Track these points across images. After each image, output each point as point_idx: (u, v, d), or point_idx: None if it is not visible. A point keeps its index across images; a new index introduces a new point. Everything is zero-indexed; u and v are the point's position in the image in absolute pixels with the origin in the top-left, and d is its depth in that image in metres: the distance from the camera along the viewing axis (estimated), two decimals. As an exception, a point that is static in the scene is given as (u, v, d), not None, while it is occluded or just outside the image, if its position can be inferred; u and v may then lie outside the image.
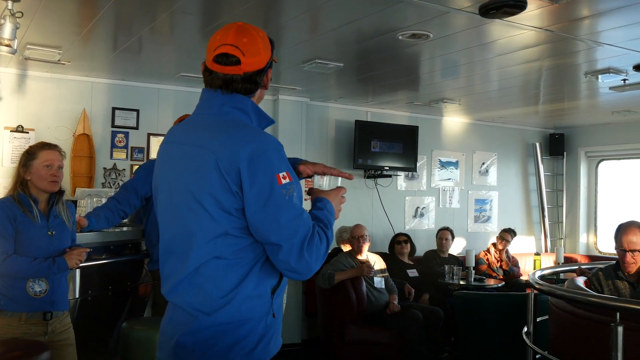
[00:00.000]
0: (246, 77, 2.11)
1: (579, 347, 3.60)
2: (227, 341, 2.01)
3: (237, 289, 2.01)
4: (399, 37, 4.63)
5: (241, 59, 2.08)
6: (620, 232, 4.11)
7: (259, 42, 2.14)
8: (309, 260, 1.96)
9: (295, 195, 1.98)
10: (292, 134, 7.32)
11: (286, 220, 1.95)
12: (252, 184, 1.94)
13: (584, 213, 9.40)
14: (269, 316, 2.08)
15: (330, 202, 2.20)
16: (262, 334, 2.07)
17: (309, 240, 1.97)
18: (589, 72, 5.63)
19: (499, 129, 9.21)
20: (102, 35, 4.97)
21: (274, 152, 2.01)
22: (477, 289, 6.76)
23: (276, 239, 1.95)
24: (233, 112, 2.11)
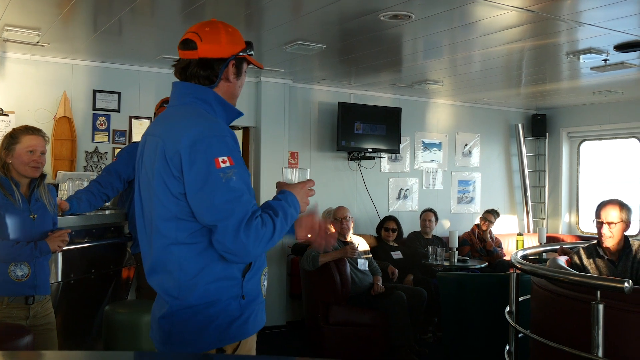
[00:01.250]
0: (202, 62, 2.19)
1: (560, 325, 3.64)
2: (199, 322, 2.08)
3: (202, 272, 2.08)
4: (381, 18, 4.61)
5: (198, 44, 2.18)
6: (601, 206, 4.18)
7: (221, 32, 2.22)
8: (245, 241, 1.98)
9: (235, 179, 2.01)
10: (275, 116, 7.30)
11: (221, 202, 1.98)
12: (191, 168, 2.00)
13: (566, 193, 9.48)
14: (239, 298, 2.13)
15: (292, 195, 2.21)
16: (236, 315, 2.13)
17: (247, 222, 1.99)
18: (571, 53, 5.65)
19: (481, 110, 9.24)
20: (82, 16, 4.90)
21: (215, 138, 2.04)
22: (461, 269, 6.81)
23: (211, 220, 2.00)
24: (195, 102, 2.18)
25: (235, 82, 2.26)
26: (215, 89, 2.23)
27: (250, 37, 5.45)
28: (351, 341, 5.99)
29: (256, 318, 2.22)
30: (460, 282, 5.71)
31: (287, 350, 6.56)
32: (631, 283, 2.97)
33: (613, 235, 4.09)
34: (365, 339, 5.99)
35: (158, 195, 2.08)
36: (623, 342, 3.19)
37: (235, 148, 2.09)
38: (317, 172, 7.82)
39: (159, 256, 2.12)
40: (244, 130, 7.57)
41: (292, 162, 7.59)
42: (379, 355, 5.98)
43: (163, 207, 2.07)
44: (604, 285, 3.14)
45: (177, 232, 2.07)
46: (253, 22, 4.97)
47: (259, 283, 2.24)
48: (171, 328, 2.11)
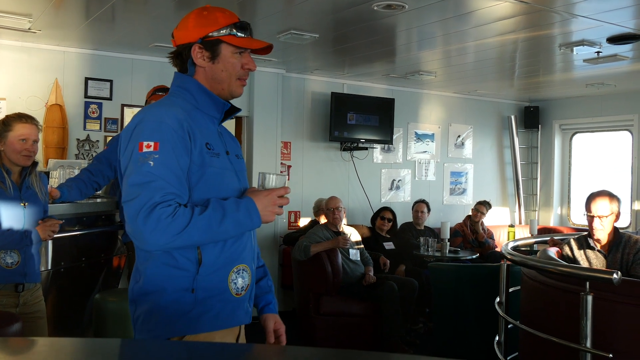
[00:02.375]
0: (177, 51, 2.18)
1: (549, 316, 3.66)
2: (151, 310, 2.04)
3: (151, 258, 2.04)
4: (374, 8, 4.60)
5: (174, 33, 2.18)
6: (590, 199, 4.18)
7: (191, 17, 2.17)
8: (141, 227, 1.91)
9: (153, 165, 1.95)
10: (268, 106, 7.29)
11: (131, 184, 1.96)
12: (124, 151, 2.03)
13: (558, 185, 9.52)
14: (188, 291, 2.04)
15: (252, 202, 2.07)
16: (186, 309, 2.03)
17: (149, 208, 1.91)
18: (564, 45, 5.66)
19: (474, 102, 9.24)
20: (74, 3, 4.87)
21: (152, 123, 2.01)
22: (452, 260, 6.83)
23: (122, 201, 1.99)
24: (179, 91, 2.17)
25: (211, 65, 2.14)
26: (196, 76, 2.16)
27: (243, 25, 5.44)
28: (342, 331, 6.00)
29: (219, 315, 2.10)
30: (451, 273, 5.72)
31: (278, 339, 6.57)
32: (620, 274, 2.99)
33: (604, 227, 4.10)
34: (356, 329, 6.01)
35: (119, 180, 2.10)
36: (611, 333, 3.21)
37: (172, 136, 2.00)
38: (310, 163, 7.83)
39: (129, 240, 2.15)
40: (236, 120, 7.55)
41: (284, 152, 7.58)
42: (370, 345, 6.00)
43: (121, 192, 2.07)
44: (593, 276, 3.15)
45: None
46: (246, 10, 4.94)
47: (224, 280, 2.10)
48: (133, 314, 2.11)
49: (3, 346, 1.69)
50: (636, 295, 3.19)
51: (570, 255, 4.26)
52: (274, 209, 2.13)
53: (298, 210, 7.70)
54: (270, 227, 7.31)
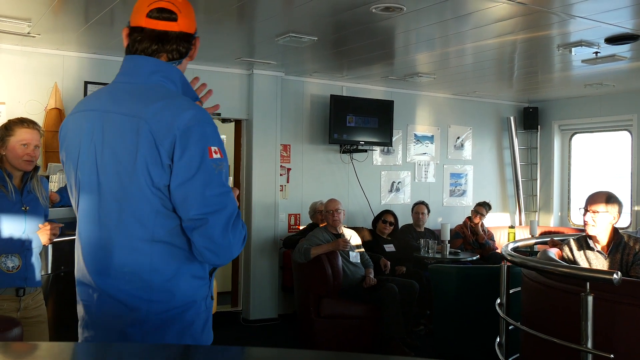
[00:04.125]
0: (181, 36, 1.98)
1: (550, 317, 3.66)
2: (177, 328, 1.91)
3: (178, 274, 1.90)
4: (372, 10, 4.61)
5: (178, 15, 1.97)
6: (589, 196, 4.24)
7: (191, 6, 2.05)
8: (232, 240, 1.85)
9: (225, 173, 1.86)
10: (267, 109, 7.29)
11: (213, 194, 1.83)
12: (183, 153, 1.80)
13: (558, 186, 9.52)
14: (207, 298, 2.00)
15: None
16: (205, 317, 1.99)
17: (235, 221, 1.86)
18: (562, 45, 5.66)
19: (473, 103, 9.25)
20: (73, 7, 4.88)
21: (210, 125, 1.88)
22: (453, 262, 6.82)
23: (199, 213, 1.81)
24: (162, 81, 1.95)
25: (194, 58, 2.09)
26: (179, 66, 2.02)
27: (243, 28, 5.47)
28: (343, 333, 6.00)
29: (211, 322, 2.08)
30: (452, 274, 5.73)
31: (278, 342, 6.58)
32: (620, 274, 2.99)
33: (596, 224, 4.09)
34: (357, 331, 6.01)
35: (139, 184, 1.83)
36: (612, 333, 3.21)
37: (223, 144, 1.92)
38: (310, 165, 7.83)
39: (125, 256, 1.88)
40: (235, 123, 7.55)
41: (284, 155, 7.58)
42: (371, 347, 6.00)
43: (143, 198, 1.84)
44: (593, 277, 3.15)
45: (154, 228, 1.85)
46: (245, 13, 4.95)
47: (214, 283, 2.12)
48: (144, 336, 1.89)
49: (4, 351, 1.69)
50: (637, 296, 3.19)
51: (570, 255, 4.26)
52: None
53: (298, 213, 7.70)
54: (271, 230, 7.31)
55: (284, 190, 7.58)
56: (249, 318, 7.23)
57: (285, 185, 7.61)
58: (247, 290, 7.29)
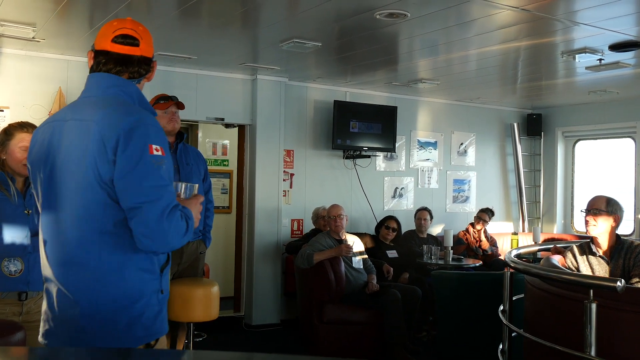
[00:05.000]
0: (141, 59, 2.29)
1: (553, 325, 3.65)
2: (127, 317, 2.09)
3: (125, 265, 2.10)
4: (376, 17, 4.61)
5: (140, 41, 2.28)
6: (590, 199, 4.30)
7: (149, 34, 2.35)
8: (167, 228, 2.02)
9: (164, 169, 2.07)
10: (270, 115, 7.30)
11: (150, 186, 2.03)
12: (125, 149, 2.03)
13: (561, 193, 9.50)
14: (159, 292, 2.18)
15: (188, 209, 2.22)
16: (157, 309, 2.17)
17: (171, 211, 2.04)
18: (566, 52, 5.66)
19: (477, 110, 9.25)
20: (78, 12, 4.89)
21: (153, 127, 2.12)
22: (456, 268, 6.82)
23: (137, 202, 2.02)
24: (119, 94, 2.22)
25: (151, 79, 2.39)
26: (138, 85, 2.31)
27: (246, 34, 5.48)
28: (345, 339, 5.99)
29: (166, 314, 2.26)
30: (454, 281, 5.72)
31: (281, 348, 6.57)
32: (623, 282, 2.98)
33: (597, 224, 4.15)
34: (360, 337, 6.00)
35: (89, 179, 2.06)
36: (616, 341, 3.20)
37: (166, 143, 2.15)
38: (313, 171, 7.83)
39: (76, 248, 2.10)
40: (239, 128, 7.56)
41: (287, 160, 7.59)
42: (373, 353, 5.99)
43: (92, 192, 2.06)
44: (597, 284, 3.14)
45: (103, 219, 2.07)
46: (249, 19, 4.96)
47: (168, 279, 2.28)
48: (95, 325, 2.08)
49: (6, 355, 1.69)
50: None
51: (574, 262, 4.26)
52: (199, 215, 2.32)
53: (301, 219, 7.69)
54: (273, 235, 7.31)
55: (287, 196, 7.58)
56: (251, 323, 7.23)
57: (288, 190, 7.61)
58: (250, 296, 7.28)
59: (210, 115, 7.10)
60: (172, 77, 6.77)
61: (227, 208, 8.72)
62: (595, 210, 4.16)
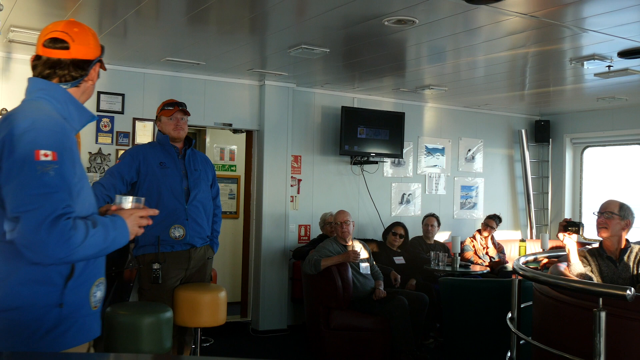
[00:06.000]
0: (74, 62, 2.24)
1: (562, 333, 3.63)
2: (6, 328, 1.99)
3: (13, 274, 2.00)
4: (385, 23, 4.62)
5: (70, 44, 2.22)
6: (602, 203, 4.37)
7: (89, 34, 2.31)
8: (45, 239, 1.90)
9: (53, 175, 1.96)
10: (278, 120, 7.31)
11: (30, 194, 1.92)
12: (10, 155, 1.96)
13: (569, 200, 9.46)
14: (57, 307, 2.04)
15: (122, 220, 2.17)
16: (52, 324, 2.03)
17: (53, 220, 1.91)
18: (574, 59, 5.65)
19: (485, 116, 9.23)
20: (87, 18, 4.91)
21: (46, 131, 2.01)
22: (463, 275, 6.80)
23: (15, 211, 1.93)
24: (44, 99, 2.17)
25: (95, 82, 2.34)
26: (75, 89, 2.25)
27: (255, 40, 5.49)
28: (352, 346, 5.98)
29: (81, 329, 2.13)
30: (462, 287, 5.70)
31: (288, 353, 6.56)
32: (633, 290, 2.96)
33: (608, 227, 4.20)
34: (367, 343, 5.98)
35: None
36: (625, 350, 3.18)
37: (68, 146, 2.05)
38: (320, 176, 7.83)
39: None
40: (246, 134, 7.58)
41: (295, 166, 7.59)
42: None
43: None
44: (606, 292, 3.12)
45: (1, 227, 2.00)
46: (257, 25, 4.97)
47: (87, 293, 2.16)
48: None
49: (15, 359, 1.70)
50: (650, 312, 3.16)
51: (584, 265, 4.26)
52: (137, 228, 2.25)
53: (308, 224, 7.69)
54: (281, 241, 7.31)
55: (295, 201, 7.58)
56: (258, 329, 7.22)
57: (296, 196, 7.61)
58: (257, 301, 7.28)
59: (218, 121, 7.11)
60: (180, 83, 6.79)
61: (235, 213, 8.73)
62: (608, 214, 4.19)
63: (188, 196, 4.48)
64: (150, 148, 4.60)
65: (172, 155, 4.53)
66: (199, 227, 4.53)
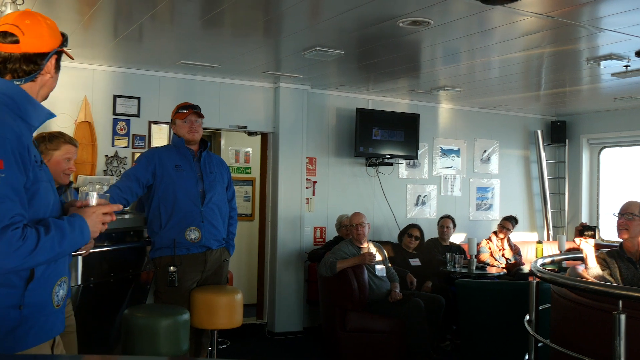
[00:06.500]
0: (25, 57, 2.12)
1: (581, 335, 3.60)
2: None
3: None
4: (399, 25, 4.61)
5: (20, 37, 2.10)
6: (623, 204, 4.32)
7: (43, 25, 2.17)
8: None
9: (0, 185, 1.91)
10: (293, 122, 7.32)
11: None
12: None
13: (586, 201, 9.39)
14: (17, 308, 2.02)
15: (81, 219, 2.14)
16: (12, 325, 2.02)
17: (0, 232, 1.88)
18: (591, 59, 5.61)
19: (500, 117, 9.18)
20: (103, 22, 4.95)
21: None
22: (479, 277, 6.76)
23: None
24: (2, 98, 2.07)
25: (55, 76, 2.24)
26: (31, 84, 2.15)
27: (269, 43, 5.50)
28: (368, 348, 5.96)
29: (42, 328, 2.12)
30: (478, 289, 5.67)
31: (304, 356, 6.56)
32: (654, 292, 2.93)
33: (628, 228, 4.17)
34: (383, 346, 5.97)
35: None
36: (645, 352, 3.15)
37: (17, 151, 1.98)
38: (335, 178, 7.83)
39: None
40: (261, 136, 7.59)
41: (310, 168, 7.59)
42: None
43: None
44: (627, 295, 3.09)
45: None
46: (272, 28, 4.98)
47: (49, 293, 2.15)
48: None
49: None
50: (670, 314, 3.12)
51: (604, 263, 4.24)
52: (99, 225, 2.22)
53: (323, 226, 7.69)
54: (296, 243, 7.32)
55: (310, 203, 7.58)
56: (274, 331, 7.23)
57: (311, 198, 7.61)
58: (273, 303, 7.29)
59: (233, 123, 7.13)
60: (195, 86, 6.82)
61: (250, 216, 8.74)
62: (629, 215, 4.16)
63: (204, 199, 4.50)
64: (166, 151, 4.63)
65: (188, 158, 4.55)
66: (214, 229, 4.55)
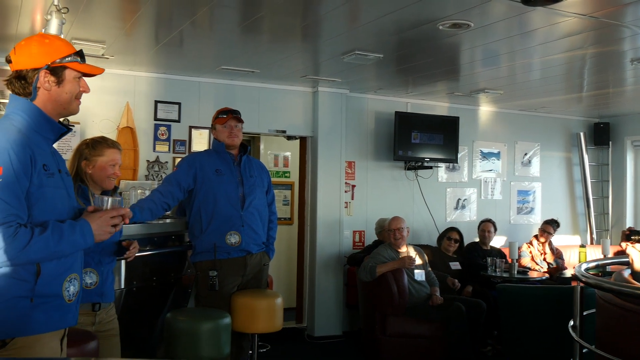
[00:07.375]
0: (17, 75, 2.32)
1: (628, 342, 3.52)
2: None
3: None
4: (439, 27, 4.59)
5: (12, 58, 2.33)
6: None
7: (33, 43, 2.35)
8: None
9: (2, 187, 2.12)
10: (332, 126, 7.33)
11: None
12: None
13: (631, 204, 9.19)
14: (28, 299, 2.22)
15: (86, 223, 2.32)
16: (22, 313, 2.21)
17: None
18: (635, 59, 5.50)
19: (541, 119, 9.06)
20: (144, 29, 5.04)
21: None
22: (521, 281, 6.67)
23: None
24: (14, 114, 2.31)
25: (57, 89, 2.36)
26: (36, 101, 2.33)
27: (308, 48, 5.52)
28: (408, 353, 5.93)
29: (51, 318, 2.29)
30: (520, 294, 5.60)
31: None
32: (703, 298, 2.86)
33: None
34: (423, 351, 5.93)
35: None
36: (694, 359, 3.07)
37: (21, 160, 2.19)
38: (374, 182, 7.81)
39: None
40: (300, 140, 7.62)
41: (348, 172, 7.59)
42: (437, 367, 5.91)
43: None
44: (674, 300, 3.03)
45: None
46: (310, 33, 5.00)
47: (59, 288, 2.32)
48: None
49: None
50: None
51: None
52: (108, 228, 2.40)
53: (363, 230, 7.68)
54: (335, 247, 7.32)
55: (349, 207, 7.58)
56: (313, 335, 7.24)
57: (350, 202, 7.61)
58: (312, 307, 7.30)
59: (272, 128, 7.18)
60: (234, 91, 6.89)
61: (289, 220, 8.77)
62: None
63: (244, 203, 4.53)
64: (207, 155, 4.68)
65: (228, 163, 4.59)
66: (254, 233, 4.57)
